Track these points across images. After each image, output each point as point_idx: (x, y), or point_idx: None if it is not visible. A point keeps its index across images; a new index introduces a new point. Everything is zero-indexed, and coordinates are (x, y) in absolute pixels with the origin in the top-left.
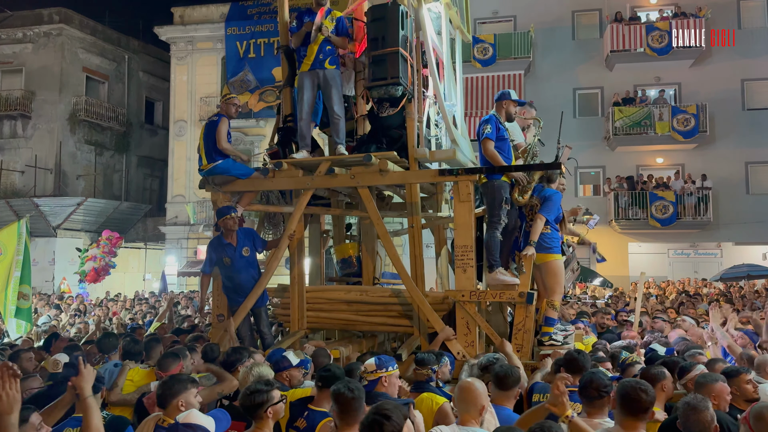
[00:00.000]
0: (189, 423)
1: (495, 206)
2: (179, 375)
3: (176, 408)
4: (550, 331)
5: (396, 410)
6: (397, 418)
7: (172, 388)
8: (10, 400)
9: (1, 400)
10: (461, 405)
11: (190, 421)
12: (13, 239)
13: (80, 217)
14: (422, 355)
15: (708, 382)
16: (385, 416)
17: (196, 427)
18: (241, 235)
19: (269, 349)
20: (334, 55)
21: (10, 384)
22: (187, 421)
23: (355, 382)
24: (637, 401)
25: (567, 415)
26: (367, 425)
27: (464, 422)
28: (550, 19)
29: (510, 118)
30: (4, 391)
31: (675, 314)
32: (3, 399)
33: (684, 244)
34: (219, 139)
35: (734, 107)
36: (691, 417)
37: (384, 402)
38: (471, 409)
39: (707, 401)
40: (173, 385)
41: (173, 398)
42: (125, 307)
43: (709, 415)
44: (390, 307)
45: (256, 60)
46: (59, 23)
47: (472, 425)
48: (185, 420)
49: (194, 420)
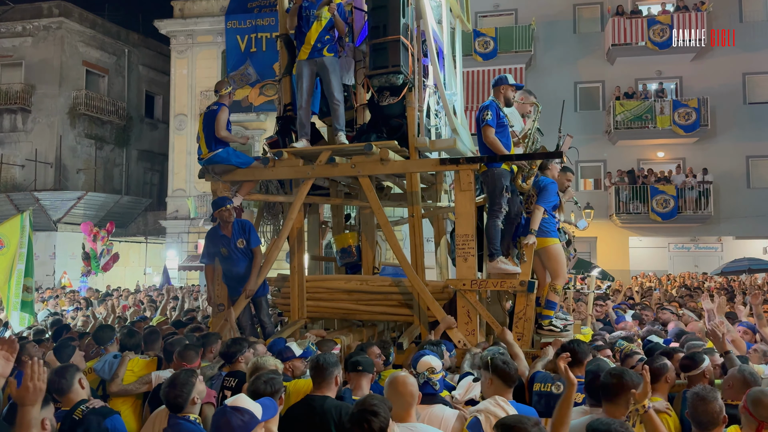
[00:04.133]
0: (237, 406)
1: (496, 194)
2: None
3: (192, 402)
4: (550, 315)
5: (382, 404)
6: (384, 413)
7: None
8: (36, 391)
9: (27, 391)
10: (393, 400)
11: (239, 405)
12: (16, 232)
13: (81, 211)
14: (425, 344)
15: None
16: (372, 412)
17: (244, 410)
18: (237, 226)
19: (270, 339)
20: (333, 43)
21: (39, 376)
22: (236, 405)
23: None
24: (710, 414)
25: (644, 405)
26: (356, 422)
27: (399, 418)
28: (552, 13)
29: (509, 103)
30: (32, 383)
31: (679, 307)
32: (30, 390)
33: (685, 238)
34: (218, 128)
35: (735, 101)
36: (699, 407)
37: (369, 396)
38: (402, 403)
39: (716, 392)
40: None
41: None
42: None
43: (717, 406)
44: (390, 297)
45: (258, 54)
46: (59, 17)
47: (408, 421)
48: (233, 403)
49: (243, 404)
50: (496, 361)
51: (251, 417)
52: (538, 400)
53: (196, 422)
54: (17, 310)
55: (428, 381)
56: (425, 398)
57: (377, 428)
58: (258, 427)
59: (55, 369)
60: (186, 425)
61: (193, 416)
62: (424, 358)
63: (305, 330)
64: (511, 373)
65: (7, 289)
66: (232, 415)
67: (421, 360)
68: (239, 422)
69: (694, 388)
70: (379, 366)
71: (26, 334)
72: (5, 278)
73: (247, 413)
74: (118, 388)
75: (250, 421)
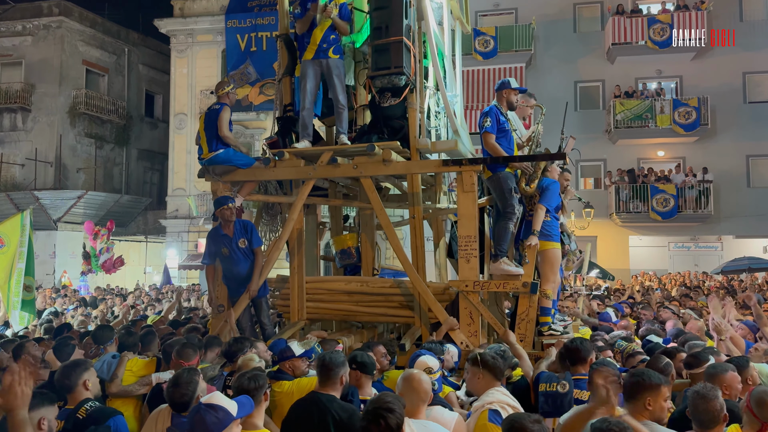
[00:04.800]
0: (211, 404)
1: (506, 196)
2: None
3: (196, 400)
4: (548, 321)
5: (397, 401)
6: (399, 410)
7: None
8: (24, 395)
9: (15, 396)
10: (406, 396)
11: (213, 402)
12: (16, 231)
13: (80, 210)
14: (429, 345)
15: (719, 372)
16: (388, 409)
17: (218, 408)
18: (238, 226)
19: (270, 340)
20: (338, 44)
21: (26, 381)
22: (210, 402)
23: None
24: (711, 412)
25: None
26: (372, 420)
27: (410, 414)
28: (552, 12)
29: (512, 107)
30: (20, 387)
31: (680, 306)
32: (18, 395)
33: (684, 237)
34: (221, 127)
35: (736, 100)
36: (700, 406)
37: (384, 394)
38: (416, 400)
39: (717, 390)
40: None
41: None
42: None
43: (718, 404)
44: (390, 298)
45: (258, 54)
46: (59, 16)
47: (419, 417)
48: (208, 401)
49: (217, 402)
50: (485, 357)
51: (225, 414)
52: (544, 400)
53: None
54: (17, 309)
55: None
56: None
57: (393, 425)
58: (233, 424)
59: (64, 365)
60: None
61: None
62: (421, 358)
63: (303, 332)
64: (501, 368)
65: (7, 288)
66: (207, 412)
67: (419, 360)
68: (213, 419)
69: (695, 386)
70: (384, 366)
71: (31, 329)
72: (5, 277)
73: (222, 410)
74: (118, 389)
75: (224, 419)
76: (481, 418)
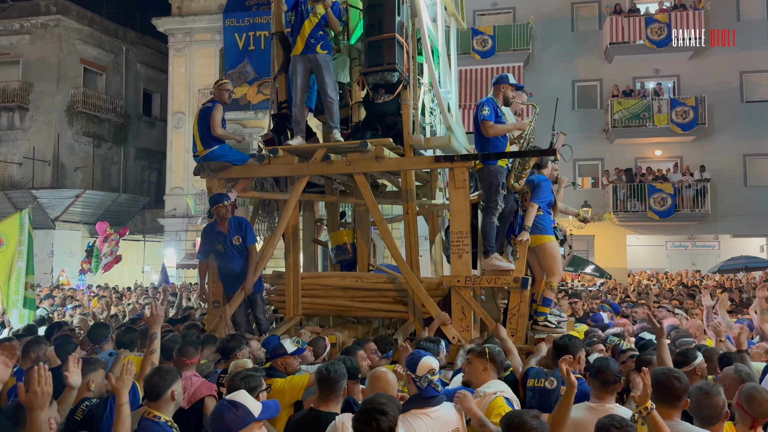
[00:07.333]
0: (234, 401)
1: (492, 191)
2: (165, 366)
3: (168, 400)
4: (546, 312)
5: (390, 403)
6: (392, 412)
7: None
8: (44, 395)
9: (36, 396)
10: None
11: (236, 400)
12: (15, 230)
13: (78, 209)
14: (426, 344)
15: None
16: (381, 411)
17: (239, 406)
18: (233, 223)
19: (264, 335)
20: (326, 40)
21: (46, 381)
22: (234, 399)
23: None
24: (670, 388)
25: (647, 407)
26: (363, 420)
27: None
28: (550, 11)
29: (507, 102)
30: (40, 388)
31: (679, 305)
32: (38, 395)
33: (682, 236)
34: (213, 126)
35: (733, 99)
36: (703, 402)
37: (377, 395)
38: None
39: (719, 386)
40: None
41: (166, 389)
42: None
43: (720, 400)
44: (385, 293)
45: (256, 52)
46: (57, 14)
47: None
48: (232, 398)
49: (240, 400)
50: (492, 351)
51: (246, 413)
52: (532, 395)
53: (167, 424)
54: (17, 308)
55: (430, 383)
56: (431, 400)
57: (386, 427)
58: (254, 425)
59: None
60: (154, 426)
61: (164, 418)
62: (424, 359)
63: (300, 327)
64: (503, 363)
65: (6, 287)
66: (227, 408)
67: (422, 362)
68: (232, 416)
69: (698, 383)
70: (375, 362)
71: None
72: (5, 277)
73: (242, 409)
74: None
75: (244, 417)
76: (497, 400)
